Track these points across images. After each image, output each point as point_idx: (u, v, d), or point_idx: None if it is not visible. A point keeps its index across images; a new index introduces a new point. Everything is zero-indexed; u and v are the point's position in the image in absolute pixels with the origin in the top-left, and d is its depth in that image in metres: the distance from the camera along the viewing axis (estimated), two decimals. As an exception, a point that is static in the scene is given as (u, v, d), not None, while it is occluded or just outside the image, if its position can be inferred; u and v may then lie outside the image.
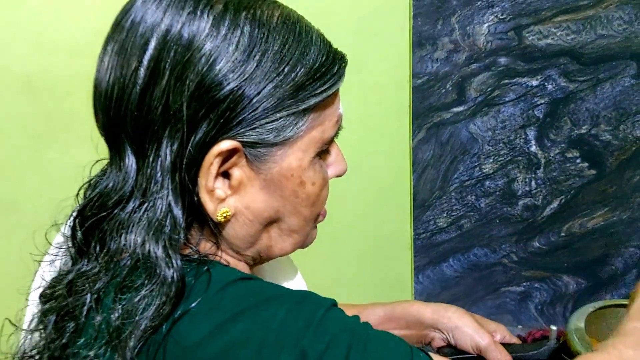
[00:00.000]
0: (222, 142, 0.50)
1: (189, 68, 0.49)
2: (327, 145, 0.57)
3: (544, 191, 1.23)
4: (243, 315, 0.47)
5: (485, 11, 1.13)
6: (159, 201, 0.50)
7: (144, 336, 0.47)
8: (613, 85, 1.17)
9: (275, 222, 0.57)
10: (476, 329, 0.81)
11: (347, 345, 0.48)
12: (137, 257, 0.50)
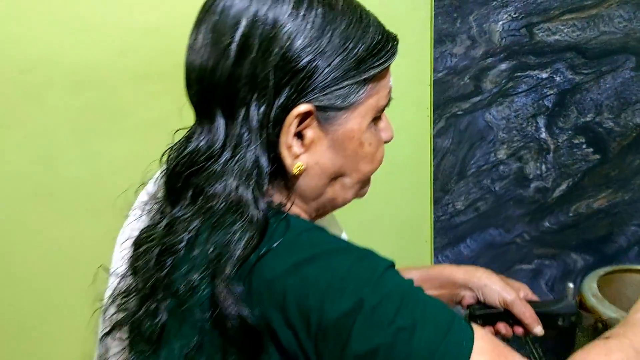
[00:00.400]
0: (300, 106, 0.60)
1: (274, 43, 0.59)
2: (380, 112, 0.67)
3: (554, 174, 1.32)
4: (316, 259, 0.55)
5: (500, 10, 1.21)
6: (248, 154, 0.60)
7: (237, 264, 0.55)
8: (614, 77, 1.26)
9: (339, 177, 0.67)
10: (503, 286, 0.90)
11: (398, 301, 0.54)
12: (230, 200, 0.59)
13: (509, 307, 0.88)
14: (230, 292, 0.54)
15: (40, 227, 1.43)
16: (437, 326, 0.54)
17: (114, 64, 1.29)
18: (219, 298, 0.54)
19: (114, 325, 0.67)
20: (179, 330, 0.59)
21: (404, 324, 0.53)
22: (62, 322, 1.55)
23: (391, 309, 0.54)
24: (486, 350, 0.54)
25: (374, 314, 0.53)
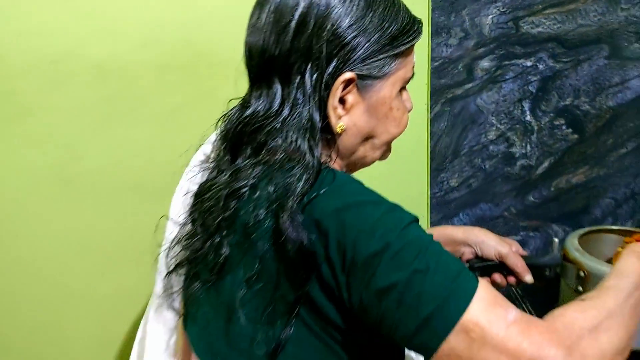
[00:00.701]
0: (346, 73, 0.72)
1: (326, 22, 0.71)
2: (406, 83, 0.80)
3: (537, 153, 1.43)
4: (353, 207, 0.66)
5: (490, 6, 1.33)
6: (304, 112, 0.71)
7: (298, 199, 0.66)
8: (590, 65, 1.37)
9: (370, 138, 0.79)
10: (498, 241, 1.04)
11: (417, 249, 0.64)
12: (290, 150, 0.71)
13: (504, 260, 1.02)
14: (293, 220, 0.64)
15: (63, 210, 1.51)
16: (447, 273, 0.63)
17: (135, 55, 1.38)
18: (283, 226, 0.64)
19: (179, 262, 0.79)
20: (242, 259, 0.70)
21: (420, 267, 0.62)
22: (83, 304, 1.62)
23: (411, 254, 0.63)
24: (485, 298, 0.62)
25: (396, 256, 0.62)
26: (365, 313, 0.65)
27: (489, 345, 0.60)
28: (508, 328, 0.60)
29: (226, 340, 0.73)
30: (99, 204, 1.51)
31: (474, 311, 0.61)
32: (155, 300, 0.88)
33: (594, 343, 0.62)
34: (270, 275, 0.68)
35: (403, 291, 0.62)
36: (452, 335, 0.61)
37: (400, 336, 0.63)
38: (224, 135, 0.77)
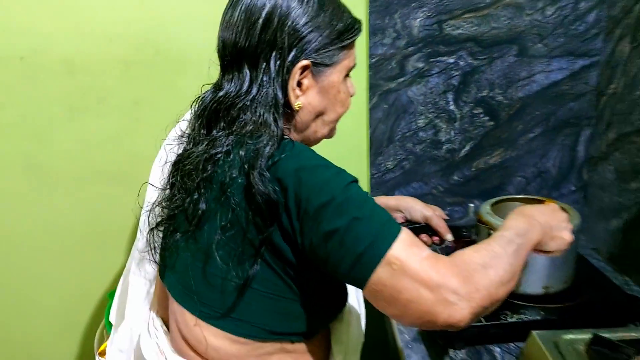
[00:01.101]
0: (302, 61, 0.89)
1: (288, 19, 0.88)
2: (350, 70, 0.97)
3: (460, 138, 1.60)
4: (308, 168, 0.82)
5: (417, 10, 1.47)
6: (270, 91, 0.88)
7: (266, 160, 0.82)
8: (502, 62, 1.52)
9: (321, 115, 0.96)
10: (424, 206, 1.23)
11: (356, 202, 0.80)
12: (259, 122, 0.86)
13: (429, 222, 1.21)
14: (262, 177, 0.80)
15: (32, 195, 1.60)
16: (378, 221, 0.80)
17: (101, 51, 1.49)
18: (254, 181, 0.80)
19: (160, 221, 0.93)
20: (218, 211, 0.85)
21: (357, 215, 0.79)
22: (49, 284, 1.71)
23: (351, 205, 0.80)
24: (405, 240, 0.80)
25: (339, 207, 0.79)
26: (315, 253, 0.81)
27: (407, 275, 0.77)
28: (421, 262, 0.78)
29: (203, 280, 0.88)
30: (66, 189, 1.61)
31: (396, 249, 0.78)
32: (137, 256, 1.02)
33: (484, 275, 0.80)
34: (241, 223, 0.84)
35: (343, 234, 0.78)
36: (379, 267, 0.78)
37: (341, 271, 0.80)
38: (200, 113, 0.92)
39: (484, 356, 1.17)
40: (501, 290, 0.82)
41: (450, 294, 0.77)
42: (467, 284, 0.78)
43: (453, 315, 0.77)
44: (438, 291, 0.77)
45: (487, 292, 0.80)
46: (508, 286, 0.84)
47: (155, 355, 0.95)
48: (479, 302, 0.79)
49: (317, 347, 0.98)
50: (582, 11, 1.50)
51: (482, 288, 0.79)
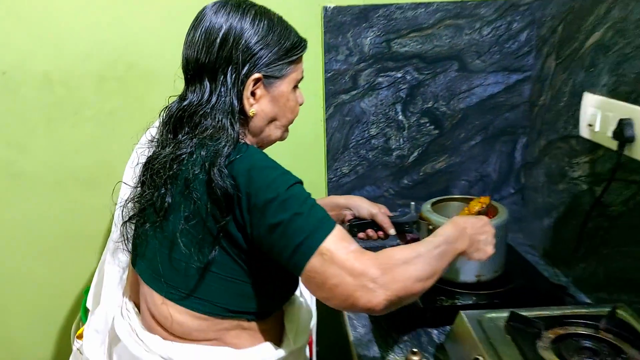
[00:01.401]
0: (255, 74, 1.03)
1: (241, 39, 1.02)
2: (298, 82, 1.11)
3: (408, 145, 1.75)
4: (259, 168, 0.96)
5: (368, 30, 1.62)
6: (227, 100, 1.01)
7: (224, 158, 0.95)
8: (445, 76, 1.68)
9: (273, 121, 1.10)
10: (370, 204, 1.38)
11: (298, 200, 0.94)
12: (217, 127, 0.99)
13: (374, 218, 1.36)
14: (221, 173, 0.94)
15: (13, 199, 1.71)
16: (315, 217, 0.94)
17: (78, 67, 1.62)
18: (214, 177, 0.93)
19: (132, 215, 1.06)
20: (182, 204, 0.99)
21: (298, 211, 0.93)
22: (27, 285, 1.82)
23: (293, 203, 0.94)
24: (337, 235, 0.93)
25: (283, 203, 0.93)
26: (262, 243, 0.95)
27: (335, 263, 0.91)
28: (348, 254, 0.92)
29: (169, 264, 1.02)
30: (45, 193, 1.73)
31: (328, 242, 0.92)
32: (112, 246, 1.15)
33: (403, 271, 0.94)
34: (201, 214, 0.97)
35: (285, 226, 0.92)
36: (313, 257, 0.92)
37: (283, 259, 0.94)
38: (167, 120, 1.06)
39: (423, 337, 1.32)
40: (417, 285, 0.95)
41: (370, 282, 0.90)
42: (386, 275, 0.91)
43: (371, 300, 0.90)
44: (359, 278, 0.90)
45: (404, 285, 0.93)
46: (425, 283, 0.97)
47: (128, 334, 1.08)
48: (395, 292, 0.92)
49: (271, 326, 1.12)
50: (514, 31, 1.67)
51: (400, 280, 0.92)
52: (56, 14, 1.57)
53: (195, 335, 1.03)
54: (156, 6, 1.59)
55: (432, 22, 1.64)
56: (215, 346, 1.04)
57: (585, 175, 1.45)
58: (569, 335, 1.10)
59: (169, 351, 1.02)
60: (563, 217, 1.58)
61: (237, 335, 1.06)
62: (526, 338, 1.09)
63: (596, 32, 1.36)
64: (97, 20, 1.58)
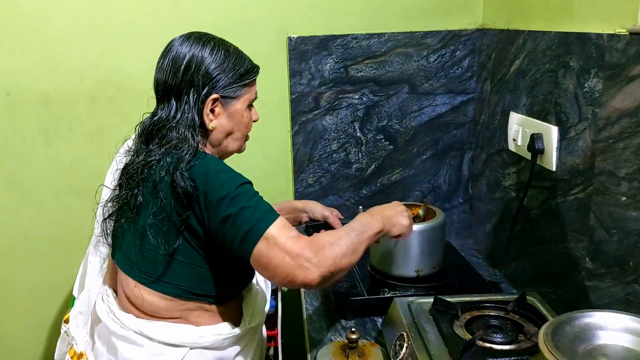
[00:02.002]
0: (213, 94, 1.23)
1: (202, 66, 1.22)
2: (252, 102, 1.31)
3: (366, 159, 1.93)
4: (214, 172, 1.15)
5: (327, 57, 1.82)
6: (190, 117, 1.21)
7: (186, 163, 1.14)
8: (397, 98, 1.88)
9: (230, 134, 1.30)
10: (324, 208, 1.58)
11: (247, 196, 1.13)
12: (181, 138, 1.19)
13: (327, 220, 1.56)
14: (182, 175, 1.13)
15: (12, 207, 1.92)
16: (262, 209, 1.13)
17: (74, 88, 1.83)
18: (177, 179, 1.12)
19: (111, 213, 1.26)
20: (151, 202, 1.18)
21: (246, 205, 1.12)
22: (27, 284, 2.01)
23: (243, 198, 1.13)
24: (279, 224, 1.12)
25: (233, 199, 1.12)
26: (217, 234, 1.15)
27: (277, 247, 1.10)
28: (287, 239, 1.11)
29: (141, 253, 1.22)
30: (42, 202, 1.93)
31: (272, 229, 1.11)
32: (94, 240, 1.35)
33: (330, 250, 1.14)
34: (167, 210, 1.17)
35: (235, 218, 1.11)
36: (259, 242, 1.11)
37: (234, 246, 1.13)
38: (141, 133, 1.26)
39: (368, 324, 1.52)
40: (344, 260, 1.15)
41: (305, 262, 1.10)
42: (318, 254, 1.12)
43: (307, 276, 1.10)
44: (297, 259, 1.10)
45: (333, 262, 1.13)
46: (351, 258, 1.17)
47: (106, 314, 1.27)
48: (326, 269, 1.12)
49: (231, 309, 1.31)
50: (458, 58, 1.89)
51: (329, 258, 1.13)
52: (54, 41, 1.78)
53: (163, 314, 1.23)
54: (142, 35, 1.80)
55: (385, 50, 1.85)
56: (179, 323, 1.23)
57: (513, 184, 1.66)
58: (482, 316, 1.30)
59: (141, 327, 1.22)
60: (499, 223, 1.79)
61: (200, 315, 1.25)
62: (445, 318, 1.29)
63: (517, 60, 1.58)
64: (90, 46, 1.79)
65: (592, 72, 1.22)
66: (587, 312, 0.91)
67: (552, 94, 1.39)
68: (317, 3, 1.83)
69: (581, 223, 1.30)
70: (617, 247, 1.18)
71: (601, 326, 0.88)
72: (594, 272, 1.27)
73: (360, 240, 1.21)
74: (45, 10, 1.76)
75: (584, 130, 1.27)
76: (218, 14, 1.82)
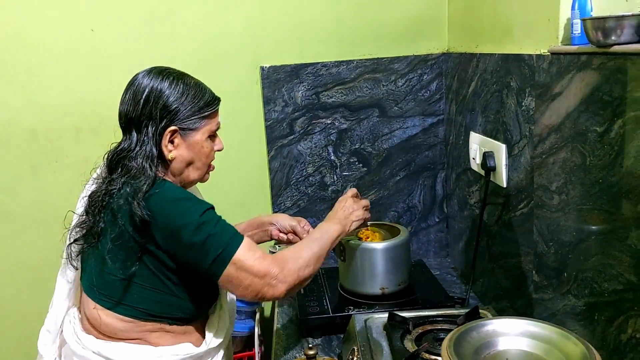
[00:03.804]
0: (171, 127, 1.29)
1: (160, 99, 1.28)
2: (213, 133, 1.36)
3: (341, 181, 1.99)
4: (174, 200, 1.23)
5: (299, 85, 1.90)
6: (148, 148, 1.27)
7: (143, 194, 1.20)
8: (368, 121, 1.94)
9: (191, 164, 1.35)
10: (291, 218, 1.63)
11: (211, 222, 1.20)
12: (139, 169, 1.25)
13: (295, 230, 1.61)
14: (139, 205, 1.19)
15: (2, 238, 2.00)
16: (228, 234, 1.22)
17: (59, 121, 1.92)
18: (134, 208, 1.19)
19: (77, 238, 1.33)
20: (110, 228, 1.24)
21: (212, 232, 1.20)
22: (18, 311, 2.09)
23: (208, 226, 1.20)
24: (245, 246, 1.21)
25: (199, 227, 1.19)
26: (182, 258, 1.22)
27: (244, 270, 1.19)
28: (254, 260, 1.20)
29: (101, 277, 1.28)
30: (30, 231, 2.02)
31: (239, 253, 1.20)
32: (62, 263, 1.42)
33: (294, 263, 1.24)
34: (125, 236, 1.23)
35: (202, 245, 1.19)
36: (228, 266, 1.19)
37: (202, 270, 1.21)
38: (107, 162, 1.34)
39: (334, 341, 1.56)
40: (307, 270, 1.27)
41: (272, 280, 1.22)
42: (283, 270, 1.23)
43: (274, 292, 1.23)
44: (264, 278, 1.21)
45: (297, 275, 1.25)
46: (313, 267, 1.29)
47: (71, 335, 1.33)
48: (291, 282, 1.25)
49: (193, 330, 1.37)
50: (425, 82, 1.95)
51: (293, 272, 1.25)
52: (39, 78, 1.88)
53: (121, 335, 1.29)
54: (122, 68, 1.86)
55: (353, 76, 1.93)
56: (137, 344, 1.29)
57: (476, 201, 1.70)
58: (432, 330, 1.34)
59: (99, 348, 1.28)
60: (468, 240, 1.83)
61: (160, 336, 1.31)
62: (398, 333, 1.33)
63: (472, 82, 1.64)
64: (74, 81, 1.89)
65: (527, 91, 1.27)
66: (490, 320, 0.95)
67: (500, 113, 1.44)
68: (287, 34, 1.92)
69: (527, 237, 1.34)
70: (554, 259, 1.21)
71: (503, 332, 0.92)
72: (539, 285, 1.30)
73: (322, 247, 1.33)
74: (30, 49, 1.87)
75: (524, 147, 1.31)
76: (195, 46, 1.91)
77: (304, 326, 1.60)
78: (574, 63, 1.07)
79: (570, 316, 1.15)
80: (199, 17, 1.90)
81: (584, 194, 1.07)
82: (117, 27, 1.89)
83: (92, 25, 1.88)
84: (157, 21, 1.89)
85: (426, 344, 1.24)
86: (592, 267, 1.06)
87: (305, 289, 1.74)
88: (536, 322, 0.95)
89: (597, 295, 1.05)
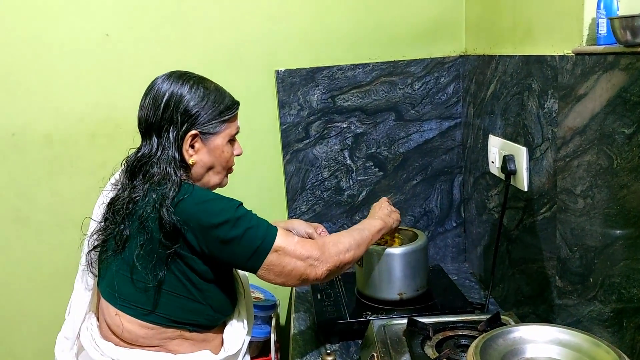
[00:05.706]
0: (192, 131, 1.29)
1: (181, 103, 1.28)
2: (232, 137, 1.36)
3: (357, 186, 1.98)
4: (206, 202, 1.22)
5: (315, 88, 1.88)
6: (170, 153, 1.26)
7: (171, 199, 1.20)
8: (385, 125, 1.92)
9: (211, 169, 1.35)
10: (308, 225, 1.62)
11: (246, 218, 1.22)
12: (163, 174, 1.25)
13: (311, 237, 1.60)
14: (168, 211, 1.19)
15: (20, 242, 2.01)
16: (264, 226, 1.24)
17: (74, 127, 1.93)
18: (163, 214, 1.18)
19: (96, 245, 1.33)
20: (137, 236, 1.23)
21: (249, 225, 1.21)
22: (34, 319, 2.09)
23: (244, 220, 1.22)
24: (282, 234, 1.25)
25: (236, 222, 1.20)
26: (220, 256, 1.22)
27: (287, 254, 1.24)
28: (295, 245, 1.25)
29: (128, 284, 1.26)
30: (47, 235, 2.02)
31: (278, 240, 1.24)
32: (80, 269, 1.41)
33: (334, 246, 1.31)
34: (154, 242, 1.22)
35: (241, 239, 1.21)
36: (269, 255, 1.22)
37: (241, 263, 1.24)
38: (126, 168, 1.33)
39: (352, 347, 1.54)
40: (347, 255, 1.34)
41: (314, 261, 1.28)
42: (324, 253, 1.30)
43: (317, 272, 1.29)
44: (306, 260, 1.27)
45: (337, 257, 1.32)
46: (353, 253, 1.35)
47: (89, 342, 1.32)
48: (332, 263, 1.31)
49: (212, 337, 1.35)
50: (443, 85, 1.93)
51: (334, 254, 1.32)
52: (55, 85, 1.89)
53: (141, 342, 1.28)
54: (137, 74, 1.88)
55: (370, 79, 1.91)
56: (157, 352, 1.28)
57: (496, 205, 1.68)
58: (453, 336, 1.32)
59: (119, 355, 1.27)
60: (487, 245, 1.80)
61: (180, 343, 1.29)
62: (417, 339, 1.31)
63: (491, 84, 1.61)
64: (89, 87, 1.90)
65: (549, 92, 1.25)
66: (518, 326, 0.93)
67: (520, 115, 1.42)
68: (303, 37, 1.91)
69: (550, 242, 1.31)
70: (579, 264, 1.19)
71: (530, 339, 0.90)
72: (563, 290, 1.27)
73: (363, 237, 1.40)
74: (45, 55, 1.87)
75: (546, 150, 1.29)
76: (209, 51, 1.90)
77: (321, 331, 1.58)
78: (599, 64, 1.05)
79: (596, 322, 1.12)
80: (215, 21, 1.89)
81: (611, 198, 1.05)
82: (132, 32, 1.89)
83: (107, 30, 1.88)
84: (171, 26, 1.89)
85: (447, 351, 1.22)
86: (620, 272, 1.04)
87: (322, 294, 1.72)
88: (565, 329, 0.92)
89: (625, 301, 1.03)
